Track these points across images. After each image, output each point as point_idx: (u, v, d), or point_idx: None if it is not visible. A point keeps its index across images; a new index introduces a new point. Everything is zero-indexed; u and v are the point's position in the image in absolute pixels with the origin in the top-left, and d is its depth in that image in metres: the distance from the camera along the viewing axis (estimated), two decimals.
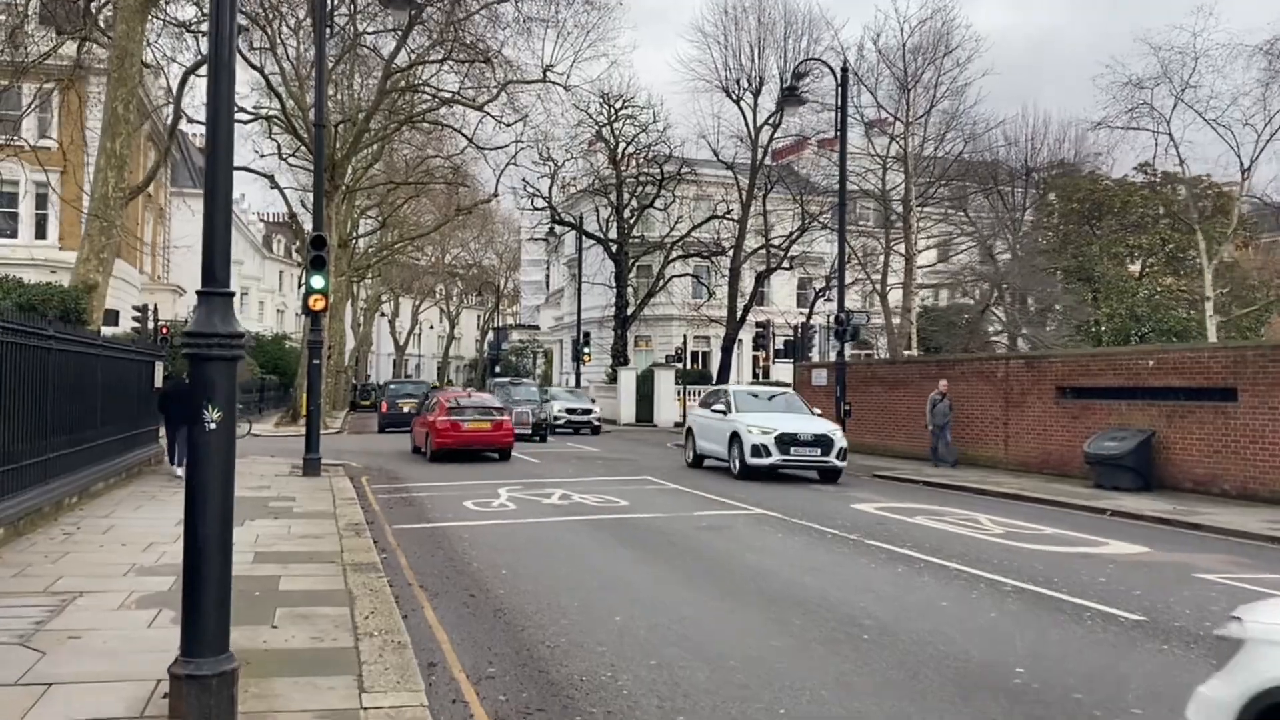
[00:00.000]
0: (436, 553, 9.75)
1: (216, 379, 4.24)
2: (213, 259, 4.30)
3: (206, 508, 4.21)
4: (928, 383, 22.30)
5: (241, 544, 9.07)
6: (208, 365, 4.24)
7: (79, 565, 7.94)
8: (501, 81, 33.82)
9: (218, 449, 4.24)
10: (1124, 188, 34.55)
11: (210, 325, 4.23)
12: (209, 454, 4.22)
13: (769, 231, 42.56)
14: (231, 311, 4.33)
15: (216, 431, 4.22)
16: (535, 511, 12.80)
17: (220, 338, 4.24)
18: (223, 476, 4.27)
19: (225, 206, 4.33)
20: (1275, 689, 3.07)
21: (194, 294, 4.66)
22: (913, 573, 8.86)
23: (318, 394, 17.20)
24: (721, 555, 9.66)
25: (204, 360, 4.24)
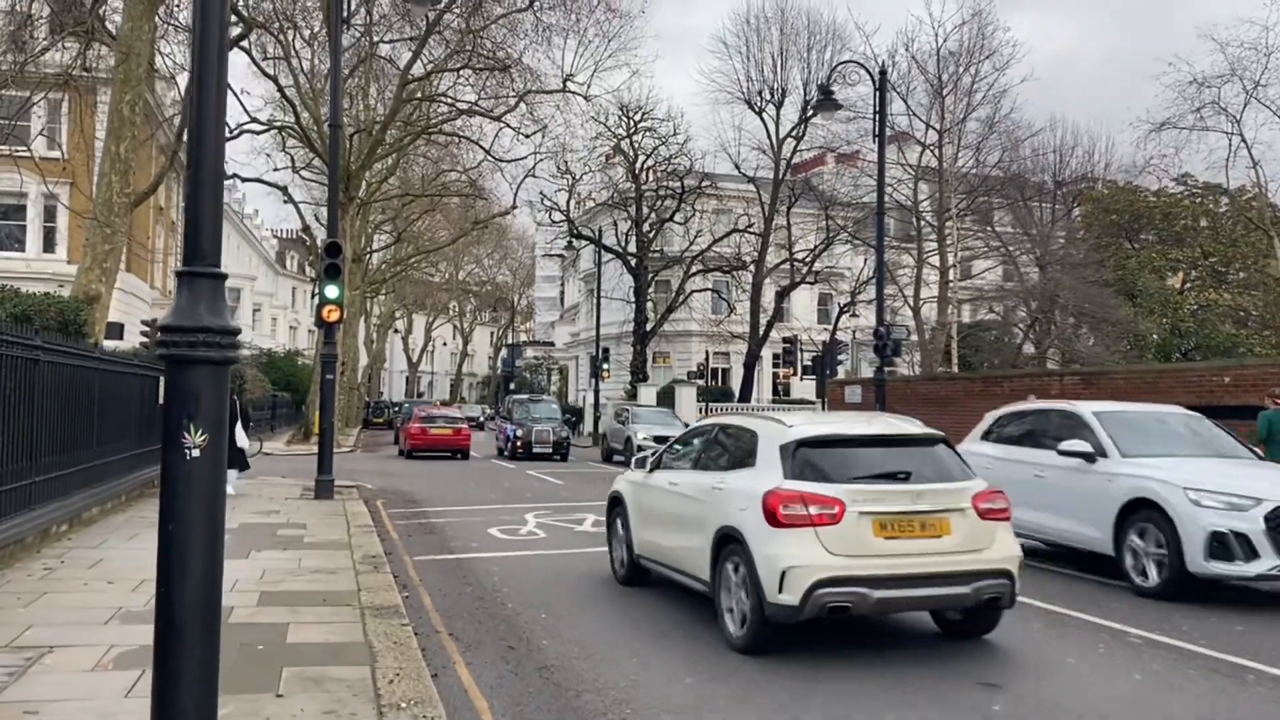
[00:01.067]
0: (464, 590, 8.63)
1: (201, 389, 3.16)
2: (199, 228, 3.23)
3: (185, 567, 3.13)
4: (974, 400, 21.08)
5: (245, 582, 8.00)
6: (190, 370, 3.16)
7: (55, 609, 6.85)
8: (520, 91, 32.99)
9: (200, 486, 3.15)
10: (1163, 199, 33.35)
11: (193, 316, 3.15)
12: (188, 492, 3.13)
13: (792, 246, 41.51)
14: (222, 299, 3.25)
15: (200, 461, 3.12)
16: (568, 541, 11.67)
17: (208, 334, 3.16)
18: (207, 523, 3.18)
19: (215, 157, 3.25)
20: None
21: None
22: None
23: (331, 411, 16.14)
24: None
25: (184, 363, 3.17)
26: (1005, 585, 6.50)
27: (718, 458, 7.79)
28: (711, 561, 7.00)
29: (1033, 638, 7.15)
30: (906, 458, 6.96)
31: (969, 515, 6.52)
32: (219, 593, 3.28)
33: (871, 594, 6.20)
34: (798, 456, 6.73)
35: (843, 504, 6.30)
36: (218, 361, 3.18)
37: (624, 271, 45.75)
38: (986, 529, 6.58)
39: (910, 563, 6.34)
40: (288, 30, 30.90)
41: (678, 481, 8.02)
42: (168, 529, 3.14)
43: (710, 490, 7.33)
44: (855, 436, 7.18)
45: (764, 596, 6.31)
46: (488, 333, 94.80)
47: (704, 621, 7.25)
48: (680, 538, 7.72)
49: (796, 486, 6.47)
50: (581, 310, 61.53)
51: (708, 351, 45.26)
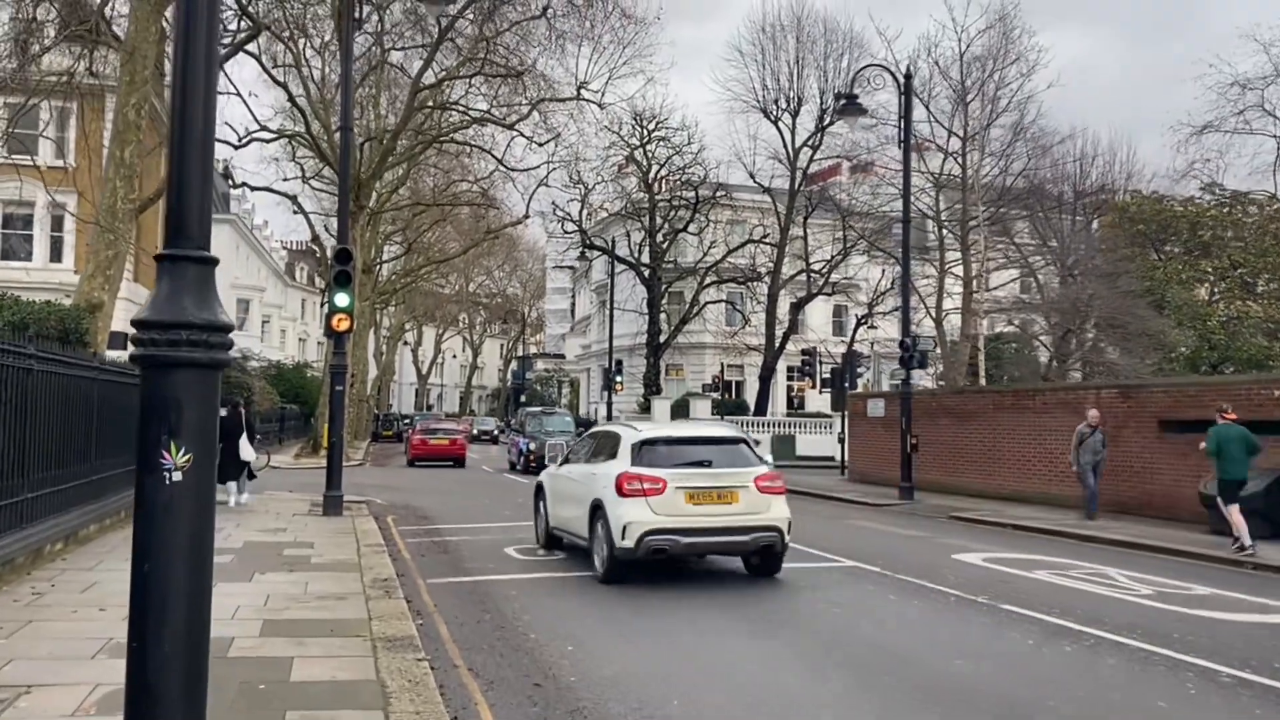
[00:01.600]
0: (483, 618, 8.01)
1: (184, 397, 2.57)
2: (184, 202, 2.65)
3: (164, 617, 2.55)
4: (1003, 415, 20.44)
5: (248, 609, 7.40)
6: (171, 375, 2.58)
7: (39, 641, 6.26)
8: (533, 99, 32.51)
9: (183, 516, 2.56)
10: (1190, 209, 32.63)
11: (176, 308, 2.57)
12: (168, 524, 2.54)
13: (809, 256, 40.91)
14: (212, 288, 2.67)
15: (182, 486, 2.53)
16: (588, 562, 11.00)
17: (193, 330, 2.57)
18: (191, 562, 2.60)
19: (204, 116, 2.67)
20: None
21: None
22: (1088, 653, 7.02)
23: (340, 424, 15.56)
24: (836, 629, 7.85)
25: (164, 366, 2.59)
26: (776, 536, 9.70)
27: (597, 453, 10.87)
28: (589, 524, 10.11)
29: None
30: (713, 452, 10.18)
31: (751, 490, 9.68)
32: (205, 647, 2.70)
33: (681, 540, 9.42)
34: (641, 451, 9.90)
35: (665, 481, 9.47)
36: (204, 364, 2.59)
37: (637, 283, 45.19)
38: (765, 499, 9.71)
39: (709, 521, 9.52)
40: (298, 39, 30.51)
41: (573, 472, 11.28)
42: (142, 570, 2.55)
43: (589, 475, 10.51)
44: (679, 437, 10.66)
45: (614, 543, 9.42)
46: (498, 345, 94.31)
47: (748, 660, 6.60)
48: (573, 509, 10.81)
49: (637, 470, 9.62)
50: (593, 322, 60.98)
51: (722, 364, 44.57)
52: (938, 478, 21.79)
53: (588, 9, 30.54)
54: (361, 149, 32.12)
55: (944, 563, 11.41)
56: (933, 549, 12.70)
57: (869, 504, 19.65)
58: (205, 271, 2.64)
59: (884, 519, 17.04)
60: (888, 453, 24.26)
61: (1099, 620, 8.09)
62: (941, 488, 21.45)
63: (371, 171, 32.13)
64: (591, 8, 30.50)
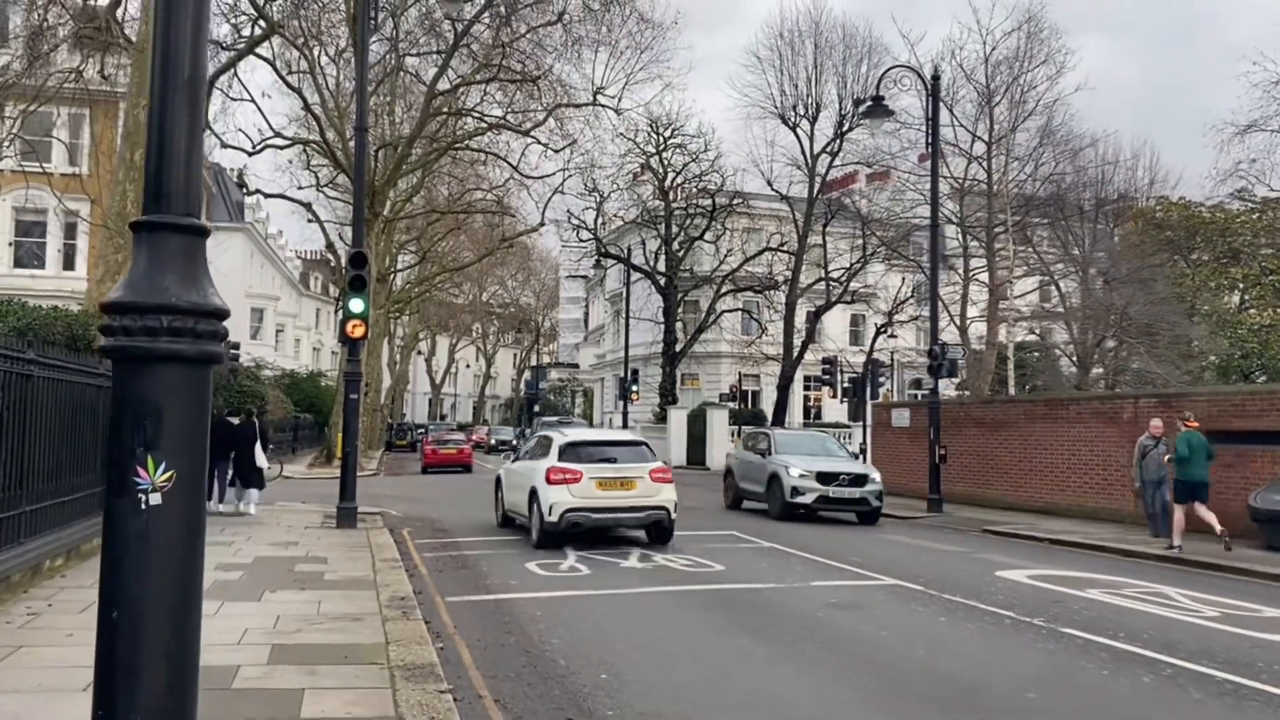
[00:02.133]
0: (507, 640, 7.47)
1: (164, 399, 2.06)
2: (167, 158, 2.14)
3: (139, 680, 2.02)
4: (1036, 425, 19.80)
5: (256, 631, 6.89)
6: (149, 372, 2.07)
7: (28, 670, 5.77)
8: (549, 105, 32.09)
9: (163, 550, 2.05)
10: (1219, 214, 31.89)
11: (155, 288, 2.06)
12: (142, 560, 2.03)
13: (827, 264, 40.30)
14: (201, 265, 2.16)
15: (162, 513, 2.02)
16: (615, 578, 10.49)
17: (177, 315, 2.06)
18: (174, 607, 2.07)
19: (192, 53, 2.17)
20: None
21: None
22: (1169, 686, 6.43)
23: (354, 434, 15.06)
24: (885, 653, 7.27)
25: (140, 361, 2.07)
26: (663, 514, 12.95)
27: (537, 452, 14.17)
28: (528, 505, 13.30)
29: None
30: (619, 451, 13.57)
31: (646, 479, 12.90)
32: (192, 695, 2.16)
33: (592, 515, 12.59)
34: (566, 450, 13.13)
35: (581, 473, 12.64)
36: (191, 358, 2.09)
37: (652, 291, 44.68)
38: (656, 486, 12.94)
39: (613, 502, 12.71)
40: (313, 47, 30.20)
41: (520, 466, 14.76)
42: (110, 619, 2.03)
43: (530, 469, 13.73)
44: (595, 440, 14.22)
45: (544, 518, 12.57)
46: (511, 355, 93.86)
47: (798, 694, 6.03)
48: (519, 495, 14.08)
49: (561, 465, 12.80)
50: (607, 332, 60.49)
51: (739, 374, 43.96)
52: (966, 489, 21.15)
53: (604, 13, 30.17)
54: (376, 156, 31.77)
55: (988, 580, 10.81)
56: (973, 565, 12.10)
57: (896, 517, 18.99)
58: (193, 244, 2.13)
59: (915, 533, 16.42)
60: (913, 464, 23.63)
61: (1171, 647, 7.49)
62: (970, 500, 20.81)
63: (386, 179, 31.77)
64: (608, 12, 30.12)
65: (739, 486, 19.37)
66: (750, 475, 18.89)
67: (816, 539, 14.57)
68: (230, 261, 47.82)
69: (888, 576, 10.81)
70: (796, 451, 18.29)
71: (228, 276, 46.76)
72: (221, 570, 9.64)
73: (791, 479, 17.09)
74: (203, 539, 2.17)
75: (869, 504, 17.22)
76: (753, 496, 18.66)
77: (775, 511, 17.32)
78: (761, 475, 18.12)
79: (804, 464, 17.39)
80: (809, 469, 17.19)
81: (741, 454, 20.22)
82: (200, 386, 2.12)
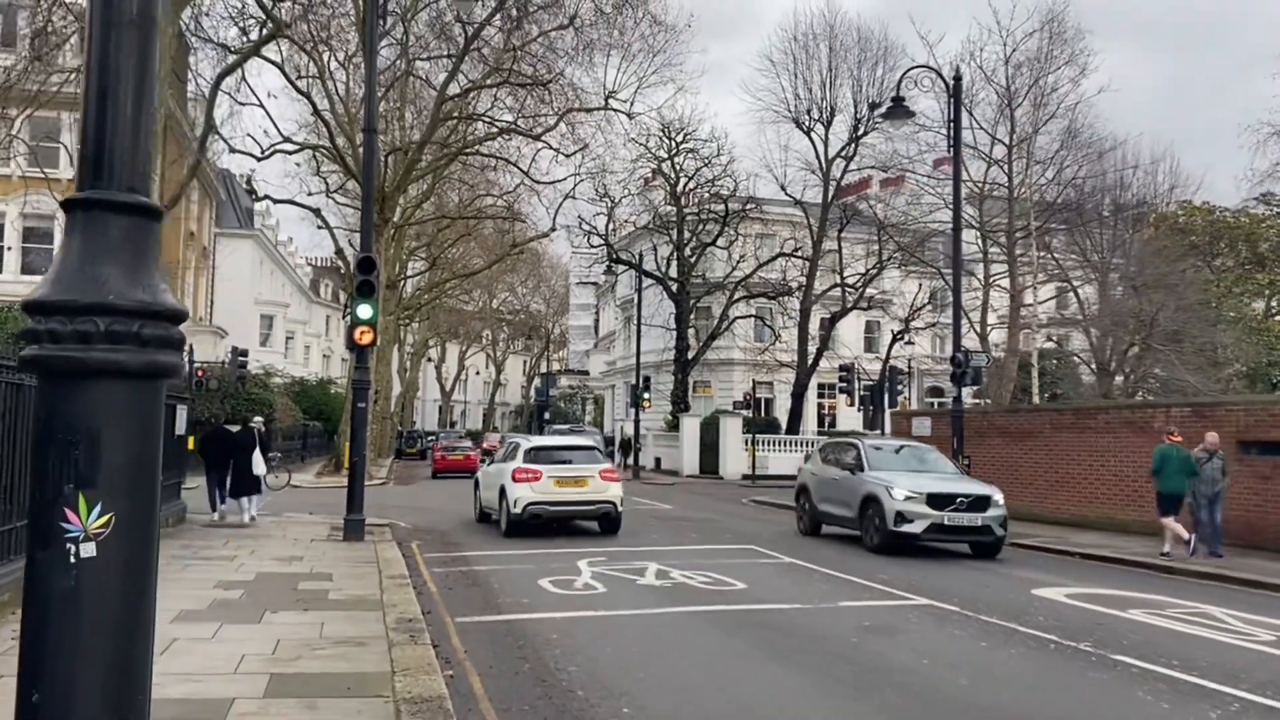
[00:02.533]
0: (521, 668, 7.01)
1: (102, 423, 1.61)
2: (107, 120, 1.69)
3: None
4: (1062, 435, 19.25)
5: (254, 657, 6.44)
6: (82, 389, 1.62)
7: None
8: (560, 110, 31.72)
9: (93, 614, 1.59)
10: (1244, 219, 31.26)
11: (89, 283, 1.62)
12: (70, 626, 1.57)
13: (843, 270, 39.81)
14: (151, 256, 1.71)
15: (97, 567, 1.56)
16: (632, 597, 10.03)
17: (118, 317, 1.62)
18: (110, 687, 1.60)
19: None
20: None
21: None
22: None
23: (362, 443, 14.63)
24: (926, 682, 6.78)
25: (70, 375, 1.62)
26: (610, 507, 15.36)
27: (507, 455, 16.56)
28: (498, 501, 15.70)
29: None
30: (575, 454, 16.21)
31: (597, 478, 15.35)
32: None
33: (550, 508, 15.03)
34: (529, 453, 15.69)
35: (541, 472, 15.11)
36: (136, 372, 1.64)
37: (663, 298, 44.23)
38: (605, 484, 15.38)
39: (568, 497, 15.14)
40: (323, 52, 29.92)
41: (493, 469, 16.97)
42: (30, 702, 1.58)
43: (501, 470, 16.01)
44: (555, 445, 17.18)
45: (510, 510, 15.00)
46: (520, 362, 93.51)
47: None
48: (491, 493, 16.43)
49: (525, 465, 15.27)
50: (618, 338, 60.07)
51: (753, 381, 43.43)
52: None
53: (617, 16, 29.80)
54: (386, 161, 31.45)
55: (1024, 600, 10.30)
56: (1006, 583, 11.58)
57: None
58: (140, 229, 1.70)
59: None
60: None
61: (1233, 676, 6.97)
62: None
63: (396, 184, 31.42)
64: (621, 15, 29.75)
65: (818, 509, 16.25)
66: (834, 495, 15.67)
67: (836, 554, 14.07)
68: (240, 268, 47.63)
69: (919, 596, 10.31)
70: (894, 466, 15.01)
71: (237, 283, 46.62)
72: (221, 588, 9.22)
73: (895, 502, 13.70)
74: (152, 599, 1.72)
75: (991, 534, 13.78)
76: (837, 521, 15.59)
77: (874, 541, 14.02)
78: (851, 496, 14.93)
79: (910, 483, 13.98)
80: (916, 489, 13.78)
81: (821, 469, 16.59)
82: (148, 406, 1.68)
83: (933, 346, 47.56)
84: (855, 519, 14.77)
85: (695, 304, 43.77)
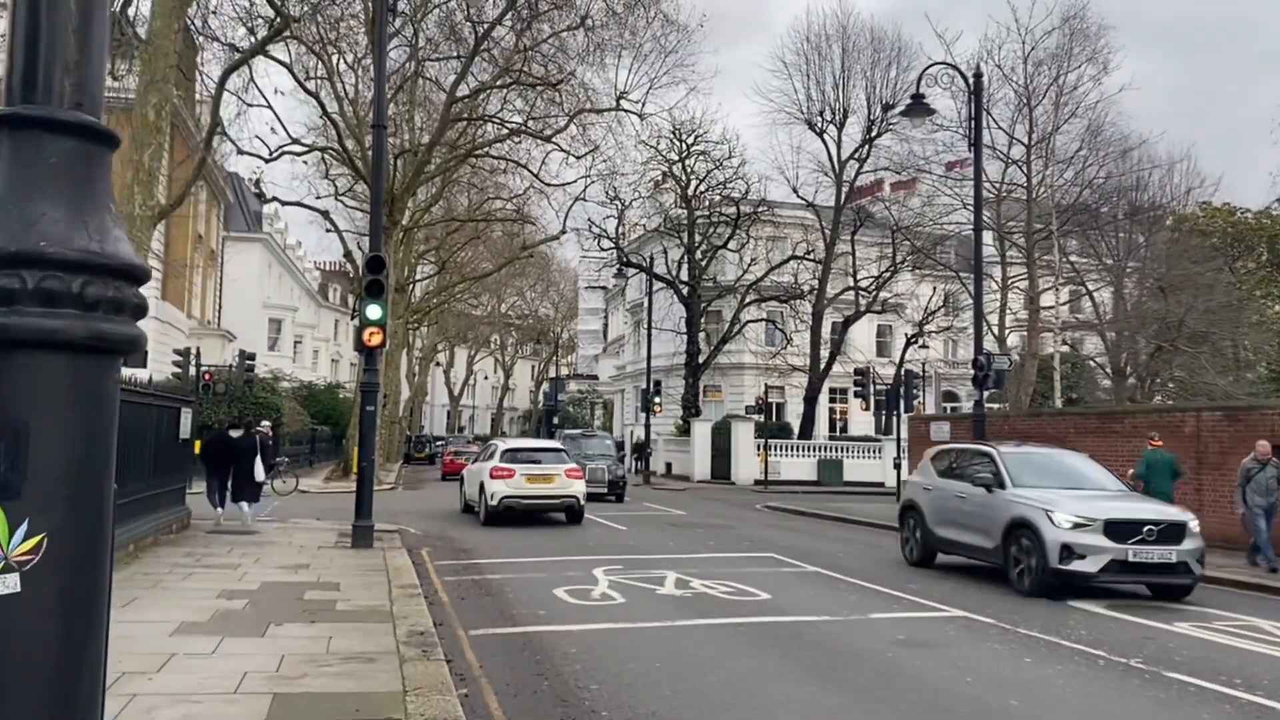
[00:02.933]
0: (540, 686, 6.59)
1: (27, 409, 1.19)
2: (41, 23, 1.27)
3: None
4: (1088, 439, 18.74)
5: (256, 675, 6.02)
6: (6, 364, 1.19)
7: None
8: (571, 111, 31.35)
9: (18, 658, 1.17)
10: (1267, 219, 30.71)
11: (15, 227, 1.20)
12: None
13: (856, 273, 39.34)
14: (101, 192, 1.29)
15: (20, 603, 1.15)
16: (652, 608, 9.59)
17: (52, 269, 1.20)
18: None
19: None
20: None
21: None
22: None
23: (371, 447, 14.23)
24: (974, 705, 6.32)
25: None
26: (574, 500, 18.07)
27: (487, 455, 19.49)
28: (479, 495, 18.39)
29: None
30: (544, 455, 18.86)
31: (563, 476, 18.00)
32: None
33: (522, 501, 17.69)
34: (505, 454, 18.40)
35: (515, 471, 17.79)
36: (76, 345, 1.24)
37: (674, 301, 43.79)
38: (569, 481, 18.01)
39: (537, 492, 17.80)
40: (331, 54, 29.63)
41: (474, 467, 19.94)
42: None
43: (481, 468, 18.80)
44: (527, 448, 19.46)
45: (488, 503, 17.61)
46: (529, 366, 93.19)
47: None
48: (473, 489, 19.23)
49: (501, 465, 17.94)
50: (627, 343, 59.64)
51: (765, 385, 42.95)
52: None
53: (628, 16, 29.43)
54: (395, 164, 31.14)
55: (1062, 611, 9.84)
56: None
57: None
58: (87, 156, 1.29)
59: None
60: None
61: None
62: None
63: (405, 186, 31.09)
64: (632, 14, 29.38)
65: (934, 534, 12.93)
66: (961, 518, 12.36)
67: (855, 561, 13.63)
68: (248, 271, 47.40)
69: (951, 607, 9.86)
70: (1044, 481, 11.72)
71: (245, 286, 46.38)
72: (225, 598, 8.82)
73: (1060, 531, 10.57)
74: (101, 644, 1.31)
75: (1188, 574, 10.66)
76: (963, 550, 12.43)
77: (1029, 583, 10.83)
78: (989, 521, 11.66)
79: (1077, 506, 10.86)
80: (1087, 514, 10.65)
81: (937, 483, 13.29)
82: (95, 391, 1.28)
83: (946, 351, 47.02)
84: (995, 550, 11.48)
85: (706, 307, 43.33)
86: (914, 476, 14.61)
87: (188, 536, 13.83)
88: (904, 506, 14.05)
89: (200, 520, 15.26)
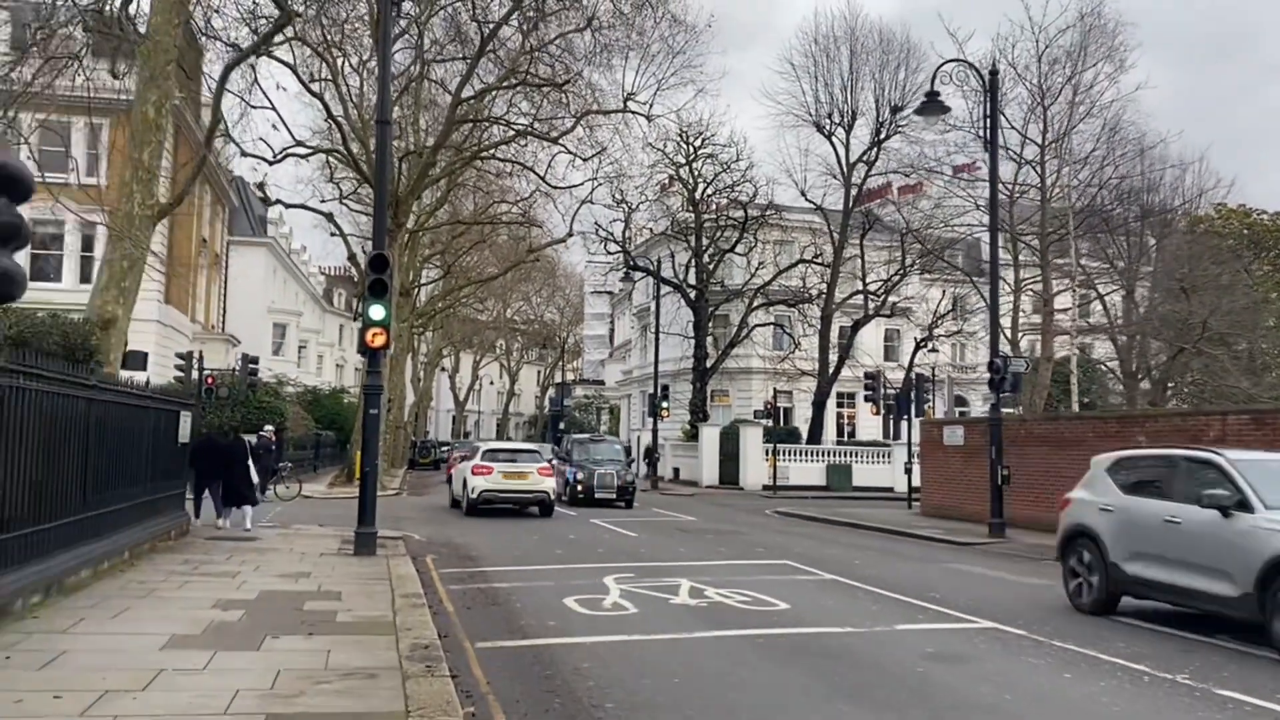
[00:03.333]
0: (552, 704, 6.20)
1: None
2: None
3: None
4: (1107, 443, 18.20)
5: (249, 692, 5.62)
6: None
7: None
8: (578, 112, 31.03)
9: None
10: (1278, 221, 30.26)
11: None
12: None
13: (865, 276, 38.94)
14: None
15: None
16: (666, 619, 9.19)
17: None
18: None
19: None
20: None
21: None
22: None
23: (374, 452, 13.84)
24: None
25: None
26: (546, 495, 21.06)
27: (470, 454, 23.19)
28: (463, 490, 21.69)
29: None
30: (520, 454, 22.26)
31: (536, 474, 21.02)
32: None
33: (500, 495, 20.76)
34: (485, 454, 21.76)
35: (494, 468, 20.95)
36: None
37: (681, 305, 43.45)
38: (541, 478, 21.01)
39: (513, 487, 20.82)
40: (336, 56, 29.36)
41: (462, 465, 22.83)
42: None
43: (465, 466, 22.24)
44: (505, 448, 23.13)
45: (470, 496, 20.83)
46: (535, 371, 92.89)
47: None
48: (459, 485, 22.52)
49: (481, 463, 21.19)
50: (634, 347, 59.29)
51: (773, 389, 42.55)
52: (1028, 513, 19.67)
53: (636, 16, 29.09)
54: (400, 165, 30.85)
55: (1097, 623, 9.43)
56: (1069, 602, 10.69)
57: (955, 542, 17.64)
58: None
59: (985, 561, 15.06)
60: (966, 485, 22.29)
61: None
62: (1033, 524, 19.28)
63: (410, 188, 30.78)
64: (640, 14, 29.04)
65: (1124, 571, 9.64)
66: (1172, 551, 9.12)
67: (872, 568, 13.22)
68: (252, 275, 47.17)
69: (980, 618, 9.44)
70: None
71: (249, 290, 46.13)
72: (220, 608, 8.44)
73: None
74: None
75: None
76: (1184, 597, 9.08)
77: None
78: (1227, 557, 8.50)
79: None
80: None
81: (1124, 501, 9.98)
82: None
83: (955, 355, 46.60)
84: (1243, 600, 8.28)
85: (714, 311, 42.97)
86: (1081, 492, 10.81)
87: (187, 543, 13.48)
88: (1069, 533, 10.56)
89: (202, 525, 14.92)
